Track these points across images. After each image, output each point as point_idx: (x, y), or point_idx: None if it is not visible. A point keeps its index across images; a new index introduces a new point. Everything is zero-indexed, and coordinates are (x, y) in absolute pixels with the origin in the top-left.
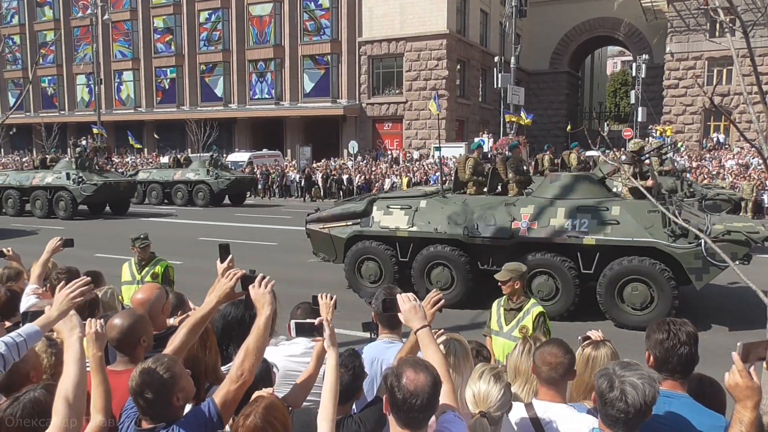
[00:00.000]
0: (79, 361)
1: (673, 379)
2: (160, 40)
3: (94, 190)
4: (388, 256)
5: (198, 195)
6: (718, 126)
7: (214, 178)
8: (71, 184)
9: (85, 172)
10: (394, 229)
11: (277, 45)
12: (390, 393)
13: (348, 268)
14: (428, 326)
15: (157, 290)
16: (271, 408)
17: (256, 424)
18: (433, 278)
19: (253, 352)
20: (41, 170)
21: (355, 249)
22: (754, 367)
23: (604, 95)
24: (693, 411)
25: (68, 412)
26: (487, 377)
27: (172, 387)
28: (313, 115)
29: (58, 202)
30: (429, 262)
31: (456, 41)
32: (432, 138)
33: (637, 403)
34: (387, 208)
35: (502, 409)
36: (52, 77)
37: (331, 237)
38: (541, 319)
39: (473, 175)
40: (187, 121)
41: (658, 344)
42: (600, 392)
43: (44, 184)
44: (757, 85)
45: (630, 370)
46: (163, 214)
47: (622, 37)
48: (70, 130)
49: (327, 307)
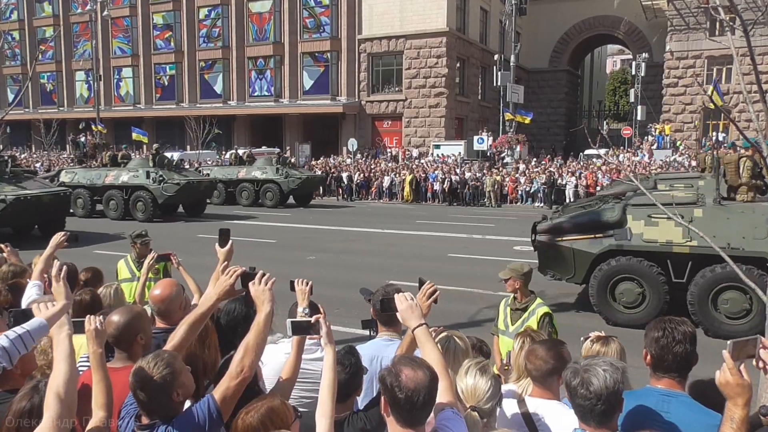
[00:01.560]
0: (69, 357)
1: (670, 378)
2: (159, 37)
3: (176, 190)
4: (654, 275)
5: (266, 195)
6: (717, 125)
7: (283, 177)
8: (151, 183)
9: (164, 170)
10: (665, 244)
11: (277, 42)
12: (390, 393)
13: (598, 290)
14: (425, 324)
15: (175, 287)
16: (273, 411)
17: (251, 423)
18: (719, 304)
19: (253, 348)
20: (113, 168)
21: (608, 267)
22: (744, 365)
23: (603, 94)
24: (690, 409)
25: (60, 408)
26: (473, 371)
27: (172, 383)
28: (312, 113)
29: (135, 202)
30: (716, 285)
31: (456, 39)
32: (431, 136)
33: (599, 389)
34: (648, 217)
35: (492, 401)
36: (51, 73)
37: (573, 252)
38: (547, 320)
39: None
40: (186, 118)
41: (654, 342)
42: (566, 383)
43: (119, 183)
44: (756, 84)
45: (595, 360)
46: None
47: (622, 35)
48: (69, 126)
49: (303, 294)
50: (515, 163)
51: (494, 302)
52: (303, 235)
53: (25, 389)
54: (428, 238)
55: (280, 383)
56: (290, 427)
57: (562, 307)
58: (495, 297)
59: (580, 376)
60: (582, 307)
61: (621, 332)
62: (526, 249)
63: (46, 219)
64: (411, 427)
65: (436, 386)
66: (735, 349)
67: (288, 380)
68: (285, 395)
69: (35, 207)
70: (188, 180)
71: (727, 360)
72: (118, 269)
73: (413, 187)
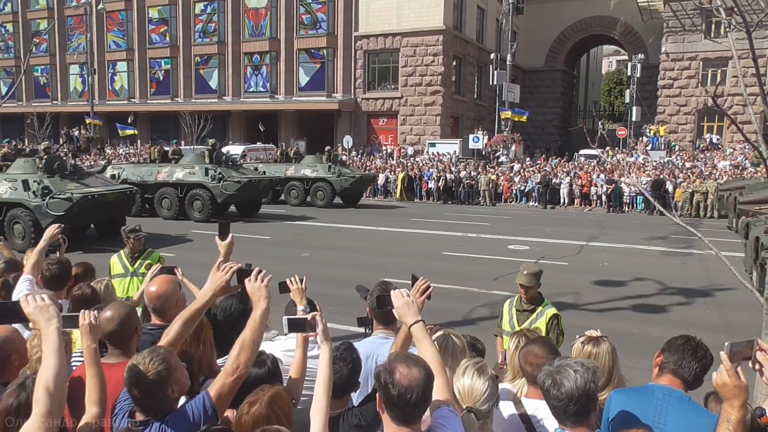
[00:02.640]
0: (57, 351)
1: (674, 376)
2: (154, 31)
3: (237, 188)
4: None
5: (317, 194)
6: (712, 127)
7: (336, 176)
8: (210, 181)
9: (221, 167)
10: None
11: (273, 38)
12: (384, 390)
13: None
14: (422, 321)
15: (171, 284)
16: (276, 398)
17: (261, 412)
18: None
19: (249, 345)
20: (164, 164)
21: None
22: (741, 367)
23: (598, 94)
24: (688, 408)
25: (49, 404)
26: (471, 372)
27: (168, 379)
28: (308, 109)
29: (192, 201)
30: None
31: (452, 37)
32: (426, 134)
33: (571, 390)
34: None
35: (489, 402)
36: (45, 66)
37: None
38: (555, 321)
39: None
40: (181, 113)
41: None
42: (540, 384)
43: (174, 181)
44: (758, 85)
45: (567, 361)
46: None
47: (618, 36)
48: (62, 120)
49: (299, 292)
50: (510, 163)
51: (489, 301)
52: (295, 232)
53: (12, 386)
54: (423, 236)
55: (291, 381)
56: (292, 414)
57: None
58: (490, 295)
59: (552, 378)
60: (578, 306)
61: (614, 333)
62: (521, 248)
63: (108, 218)
64: (405, 425)
65: (431, 384)
66: (732, 350)
67: (297, 378)
68: (296, 394)
69: (100, 206)
70: (249, 179)
71: (724, 361)
72: (111, 264)
73: (405, 185)
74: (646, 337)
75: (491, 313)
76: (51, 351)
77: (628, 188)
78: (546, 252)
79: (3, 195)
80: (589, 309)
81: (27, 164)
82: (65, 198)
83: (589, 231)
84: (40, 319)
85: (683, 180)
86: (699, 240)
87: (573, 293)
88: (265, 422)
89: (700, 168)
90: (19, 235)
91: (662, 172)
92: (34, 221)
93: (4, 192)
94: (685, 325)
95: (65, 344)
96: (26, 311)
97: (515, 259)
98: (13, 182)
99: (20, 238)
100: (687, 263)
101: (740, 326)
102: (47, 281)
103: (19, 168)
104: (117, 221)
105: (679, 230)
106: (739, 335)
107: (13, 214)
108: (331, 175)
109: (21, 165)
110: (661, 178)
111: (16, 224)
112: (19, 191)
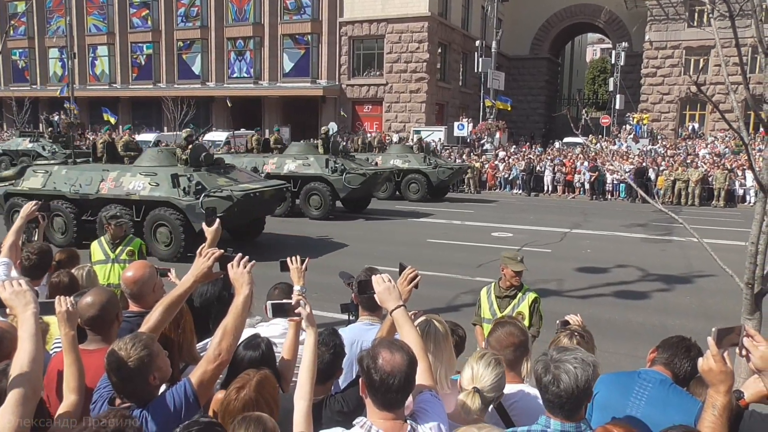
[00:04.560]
0: (34, 336)
1: (665, 368)
2: (136, 15)
3: (361, 181)
4: None
5: (409, 187)
6: (694, 115)
7: (432, 167)
8: (330, 173)
9: (338, 157)
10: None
11: (257, 23)
12: (367, 375)
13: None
14: (404, 306)
15: (148, 268)
16: (264, 382)
17: (249, 396)
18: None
19: (231, 332)
20: (268, 155)
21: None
22: (727, 353)
23: (583, 82)
24: (668, 390)
25: (24, 389)
26: (489, 359)
27: (149, 365)
28: (292, 95)
29: (308, 196)
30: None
31: (437, 24)
32: (412, 121)
33: (570, 388)
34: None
35: (495, 393)
36: (23, 50)
37: None
38: (536, 305)
39: None
40: (163, 99)
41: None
42: (537, 377)
43: (285, 173)
44: (741, 74)
45: (566, 355)
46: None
47: (602, 24)
48: (42, 104)
49: (298, 272)
50: (495, 150)
51: (472, 287)
52: (280, 219)
53: None
54: (407, 223)
55: (283, 362)
56: (279, 397)
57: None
58: (473, 282)
59: (552, 374)
60: (560, 292)
61: (596, 320)
62: (504, 235)
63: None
64: (388, 410)
65: (414, 370)
66: (719, 336)
67: (289, 360)
68: (288, 375)
69: (256, 205)
70: (375, 171)
71: (711, 347)
72: (92, 251)
73: None
74: (628, 324)
75: (474, 299)
76: (27, 336)
77: (611, 176)
78: (530, 239)
79: (141, 192)
80: (572, 296)
81: (162, 155)
82: (224, 196)
83: (573, 218)
84: (17, 305)
85: (665, 168)
86: (679, 227)
87: (556, 280)
88: (254, 406)
89: (682, 156)
90: (164, 241)
91: (645, 160)
92: (184, 224)
93: (141, 188)
94: (665, 311)
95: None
96: (3, 296)
97: (499, 246)
98: (152, 176)
99: (164, 245)
100: (666, 250)
101: (720, 312)
102: (26, 270)
103: (153, 160)
104: (258, 223)
105: (660, 218)
106: (719, 321)
107: (157, 215)
108: (427, 166)
109: (155, 156)
110: (644, 166)
111: (160, 227)
112: (165, 187)
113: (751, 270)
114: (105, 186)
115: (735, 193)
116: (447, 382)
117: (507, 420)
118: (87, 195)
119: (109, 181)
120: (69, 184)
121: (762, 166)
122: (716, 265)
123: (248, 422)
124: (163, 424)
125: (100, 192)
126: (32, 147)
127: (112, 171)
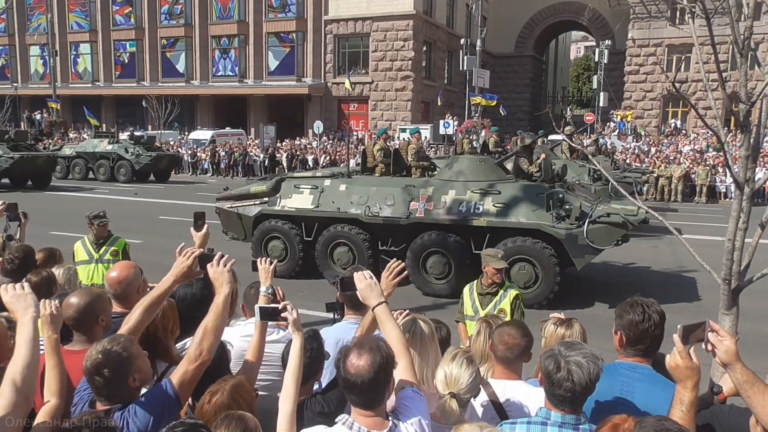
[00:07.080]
0: (31, 341)
1: (640, 356)
2: (119, 12)
3: None
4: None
5: None
6: (676, 112)
7: None
8: None
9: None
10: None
11: (241, 21)
12: (339, 376)
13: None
14: (385, 303)
15: (132, 269)
16: (239, 388)
17: (222, 402)
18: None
19: (212, 331)
20: None
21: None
22: (693, 348)
23: (567, 80)
24: (653, 381)
25: (15, 397)
26: (460, 360)
27: (129, 367)
28: (277, 94)
29: None
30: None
31: (422, 22)
32: (398, 119)
33: (583, 381)
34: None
35: (471, 393)
36: (3, 47)
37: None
38: (518, 302)
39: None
40: (147, 97)
41: (633, 326)
42: (547, 373)
43: None
44: (717, 72)
45: (574, 350)
46: None
47: (586, 22)
48: (23, 103)
49: (266, 272)
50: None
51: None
52: None
53: None
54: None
55: (247, 365)
56: (254, 403)
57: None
58: None
59: (565, 369)
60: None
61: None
62: None
63: None
64: (366, 409)
65: (385, 369)
66: (685, 333)
67: (253, 362)
68: (251, 377)
69: None
70: None
71: (677, 344)
72: (75, 251)
73: None
74: (612, 320)
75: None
76: (24, 341)
77: None
78: None
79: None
80: (558, 292)
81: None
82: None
83: None
84: (18, 308)
85: (649, 165)
86: (670, 223)
87: None
88: (227, 411)
89: (665, 153)
90: None
91: (629, 156)
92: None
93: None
94: None
95: None
96: (4, 299)
97: None
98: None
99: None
100: (658, 246)
101: (705, 307)
102: (7, 273)
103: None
104: None
105: (649, 214)
106: (704, 316)
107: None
108: None
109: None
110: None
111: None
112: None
113: (728, 266)
114: (418, 207)
115: (717, 189)
116: (433, 382)
117: (502, 414)
118: (395, 219)
119: (422, 200)
120: (357, 203)
121: (738, 164)
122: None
123: (230, 420)
124: (145, 425)
125: (413, 215)
126: (112, 149)
127: (423, 187)
